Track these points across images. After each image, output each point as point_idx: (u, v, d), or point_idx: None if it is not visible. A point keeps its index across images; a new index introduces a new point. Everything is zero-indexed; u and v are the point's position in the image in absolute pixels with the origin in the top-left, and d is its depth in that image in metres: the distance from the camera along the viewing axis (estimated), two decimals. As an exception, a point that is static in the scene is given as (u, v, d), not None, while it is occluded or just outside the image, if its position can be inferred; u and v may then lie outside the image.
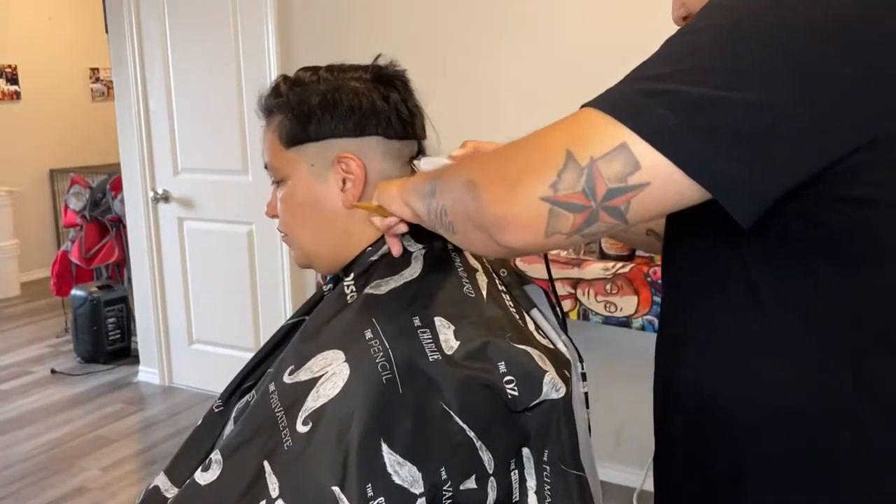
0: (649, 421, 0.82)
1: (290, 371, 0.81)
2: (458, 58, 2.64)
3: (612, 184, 0.54)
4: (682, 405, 0.73)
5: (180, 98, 3.25)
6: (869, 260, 0.58)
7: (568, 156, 0.55)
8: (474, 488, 0.72)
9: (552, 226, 0.57)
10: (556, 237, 0.58)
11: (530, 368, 0.75)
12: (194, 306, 3.45)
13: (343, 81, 0.87)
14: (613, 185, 0.54)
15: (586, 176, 0.55)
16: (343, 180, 0.86)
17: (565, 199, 0.56)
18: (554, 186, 0.56)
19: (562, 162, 0.55)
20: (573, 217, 0.56)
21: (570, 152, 0.55)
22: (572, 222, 0.57)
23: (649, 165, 0.54)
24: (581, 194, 0.55)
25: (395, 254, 0.85)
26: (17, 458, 2.88)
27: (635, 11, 2.27)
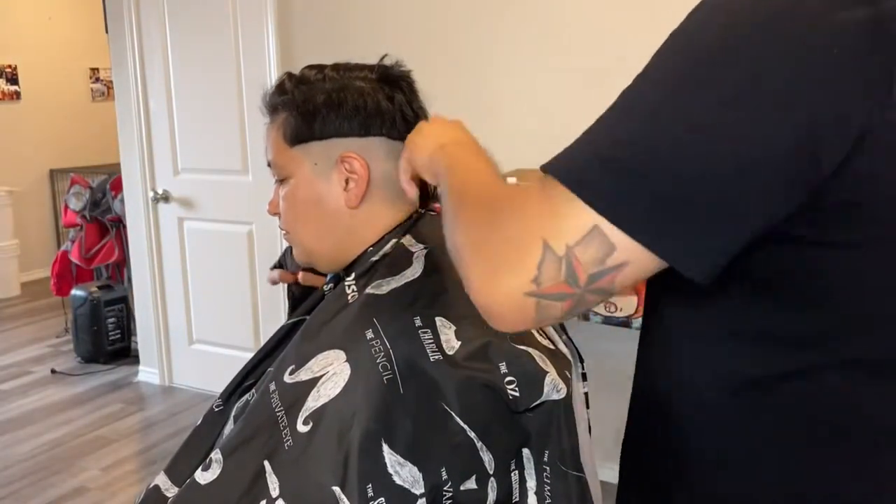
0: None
1: (291, 371, 0.81)
2: (459, 58, 2.64)
3: (592, 269, 0.54)
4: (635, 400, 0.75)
5: (180, 98, 3.25)
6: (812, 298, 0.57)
7: (545, 246, 0.54)
8: (475, 489, 0.72)
9: (541, 315, 0.56)
10: (547, 321, 0.58)
11: (531, 369, 0.75)
12: (194, 306, 3.45)
13: (349, 81, 0.86)
14: (594, 271, 0.54)
15: (566, 265, 0.54)
16: (346, 180, 0.86)
17: (549, 291, 0.55)
18: (536, 281, 0.55)
19: (539, 253, 0.54)
20: (560, 304, 0.56)
21: (546, 242, 0.54)
22: (561, 309, 0.56)
23: (623, 247, 0.53)
24: (564, 284, 0.54)
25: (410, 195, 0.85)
26: (17, 458, 2.88)
27: (636, 9, 2.27)
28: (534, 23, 2.50)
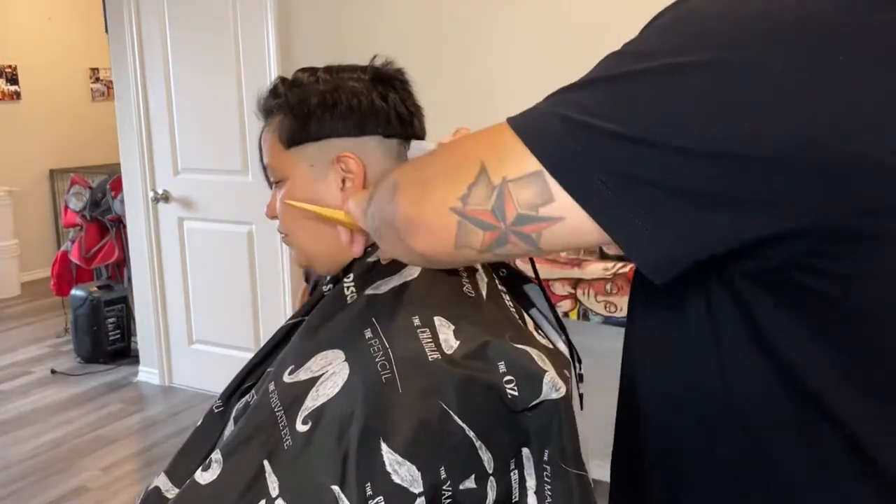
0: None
1: (290, 371, 0.81)
2: (459, 57, 2.64)
3: (522, 210, 0.52)
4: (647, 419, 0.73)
5: (180, 98, 3.26)
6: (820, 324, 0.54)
7: (482, 170, 0.53)
8: (474, 488, 0.72)
9: (461, 238, 0.55)
10: (466, 251, 0.56)
11: (530, 368, 0.75)
12: (194, 306, 3.45)
13: (342, 81, 0.87)
14: (524, 212, 0.52)
15: (497, 195, 0.52)
16: (343, 180, 0.86)
17: (474, 215, 0.53)
18: (463, 199, 0.53)
19: (474, 175, 0.53)
20: (483, 234, 0.54)
21: (485, 166, 0.53)
22: (482, 239, 0.54)
23: (562, 202, 0.50)
24: (490, 213, 0.53)
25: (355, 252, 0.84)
26: (17, 458, 2.88)
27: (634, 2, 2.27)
28: (534, 21, 2.50)
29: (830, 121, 0.46)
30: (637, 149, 0.48)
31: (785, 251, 0.51)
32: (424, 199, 0.57)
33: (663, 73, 0.49)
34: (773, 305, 0.54)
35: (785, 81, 0.46)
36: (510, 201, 0.52)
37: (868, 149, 0.46)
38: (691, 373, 0.62)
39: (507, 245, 0.54)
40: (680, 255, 0.51)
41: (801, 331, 0.54)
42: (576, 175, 0.50)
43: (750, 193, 0.48)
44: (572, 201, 0.50)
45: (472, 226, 0.54)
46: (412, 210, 0.58)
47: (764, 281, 0.54)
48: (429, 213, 0.56)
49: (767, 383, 0.57)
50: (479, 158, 0.53)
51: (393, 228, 0.61)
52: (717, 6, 0.51)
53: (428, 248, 0.58)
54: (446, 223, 0.55)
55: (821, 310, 0.53)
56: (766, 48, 0.47)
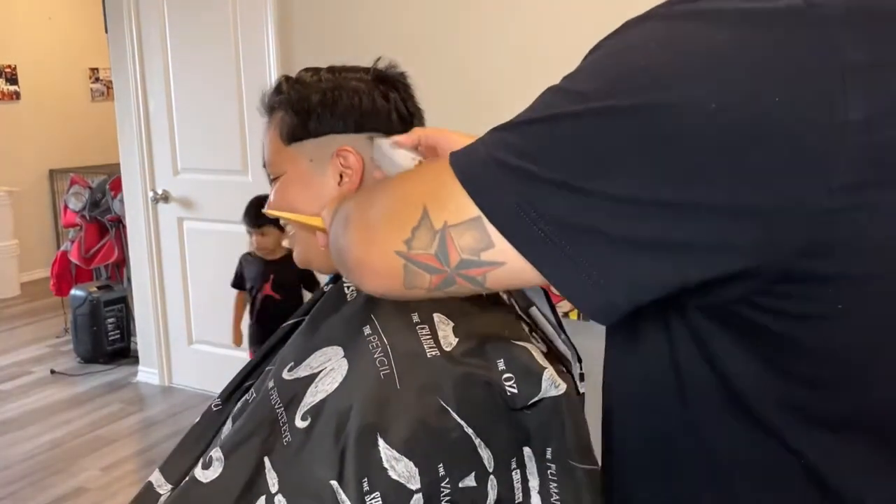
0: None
1: (290, 368, 0.81)
2: (459, 58, 2.64)
3: (465, 255, 0.52)
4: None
5: (180, 98, 3.26)
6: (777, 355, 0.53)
7: (424, 213, 0.53)
8: (474, 486, 0.72)
9: (409, 280, 0.55)
10: (415, 290, 0.56)
11: (529, 366, 0.75)
12: (194, 306, 3.45)
13: (344, 81, 0.87)
14: (466, 257, 0.52)
15: (439, 240, 0.53)
16: (340, 175, 0.86)
17: (419, 259, 0.54)
18: (408, 243, 0.54)
19: (417, 219, 0.53)
20: (429, 277, 0.54)
21: (427, 210, 0.53)
22: (429, 281, 0.55)
23: (502, 247, 0.50)
24: (434, 258, 0.53)
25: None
26: (17, 458, 2.88)
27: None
28: (535, 21, 2.50)
29: (764, 164, 0.45)
30: (572, 196, 0.48)
31: (732, 291, 0.50)
32: (370, 242, 0.58)
33: (596, 117, 0.48)
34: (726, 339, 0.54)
35: (717, 124, 0.45)
36: (452, 246, 0.52)
37: (803, 190, 0.45)
38: (652, 397, 0.61)
39: (455, 286, 0.55)
40: (621, 300, 0.50)
41: (755, 364, 0.53)
42: (513, 222, 0.50)
43: (689, 239, 0.47)
44: (510, 249, 0.50)
45: (418, 269, 0.54)
46: (360, 253, 0.59)
47: (716, 316, 0.54)
48: (375, 256, 0.57)
49: (725, 412, 0.56)
50: (422, 201, 0.54)
51: (345, 266, 0.62)
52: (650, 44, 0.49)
53: (379, 289, 0.60)
54: (393, 266, 0.55)
55: (772, 345, 0.52)
56: (697, 90, 0.46)
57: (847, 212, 0.45)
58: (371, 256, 0.58)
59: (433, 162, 0.57)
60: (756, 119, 0.45)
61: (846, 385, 0.52)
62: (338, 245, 0.64)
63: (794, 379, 0.53)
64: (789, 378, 0.53)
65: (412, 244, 0.54)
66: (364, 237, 0.59)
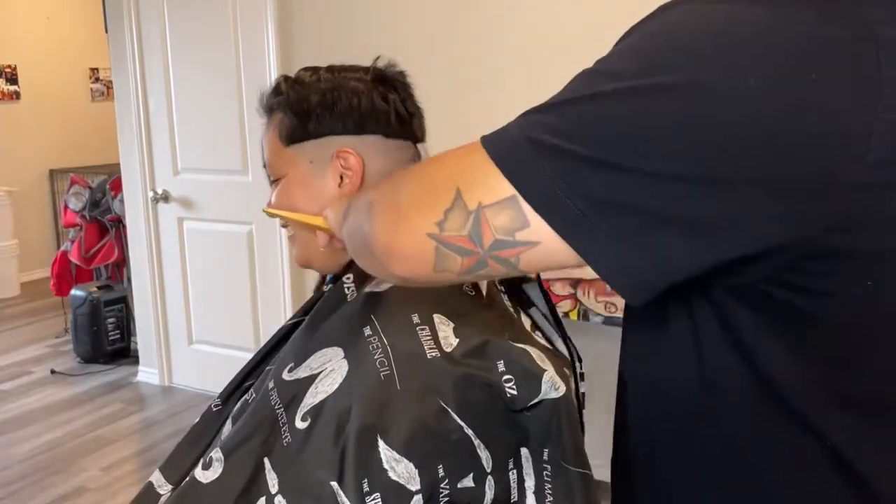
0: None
1: (290, 368, 0.81)
2: (460, 59, 2.64)
3: (499, 235, 0.52)
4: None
5: (180, 98, 3.26)
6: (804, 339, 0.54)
7: (457, 195, 0.53)
8: (472, 487, 0.72)
9: (440, 263, 0.55)
10: (445, 274, 0.56)
11: (529, 367, 0.75)
12: (194, 306, 3.45)
13: (343, 81, 0.87)
14: (501, 237, 0.52)
15: (473, 221, 0.52)
16: (340, 176, 0.86)
17: (451, 241, 0.53)
18: (440, 225, 0.53)
19: (450, 201, 0.53)
20: (461, 259, 0.54)
21: (459, 192, 0.53)
22: (461, 264, 0.54)
23: (538, 226, 0.50)
24: (467, 239, 0.53)
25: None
26: (17, 458, 2.88)
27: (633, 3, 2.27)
28: (536, 22, 2.50)
29: (799, 139, 0.45)
30: (609, 173, 0.48)
31: (761, 269, 0.51)
32: (401, 225, 0.57)
33: (633, 96, 0.48)
34: (752, 319, 0.54)
35: (755, 100, 0.46)
36: (487, 226, 0.52)
37: (837, 165, 0.45)
38: (675, 383, 0.62)
39: (486, 268, 0.54)
40: (655, 278, 0.50)
41: (781, 345, 0.54)
42: (549, 200, 0.50)
43: (723, 215, 0.47)
44: (547, 226, 0.50)
45: (450, 251, 0.54)
46: (389, 237, 0.58)
47: (743, 296, 0.54)
48: (406, 240, 0.56)
49: (749, 395, 0.57)
50: (454, 183, 0.53)
51: (371, 252, 0.61)
52: (687, 24, 0.50)
53: (408, 273, 0.58)
54: (424, 249, 0.55)
55: (799, 325, 0.53)
56: (735, 67, 0.46)
57: (879, 187, 0.46)
58: (400, 240, 0.57)
59: (463, 146, 0.56)
60: (792, 95, 0.45)
61: (873, 364, 0.53)
62: (361, 232, 0.62)
63: (821, 359, 0.53)
64: (815, 358, 0.53)
65: (445, 226, 0.53)
66: (392, 221, 0.58)
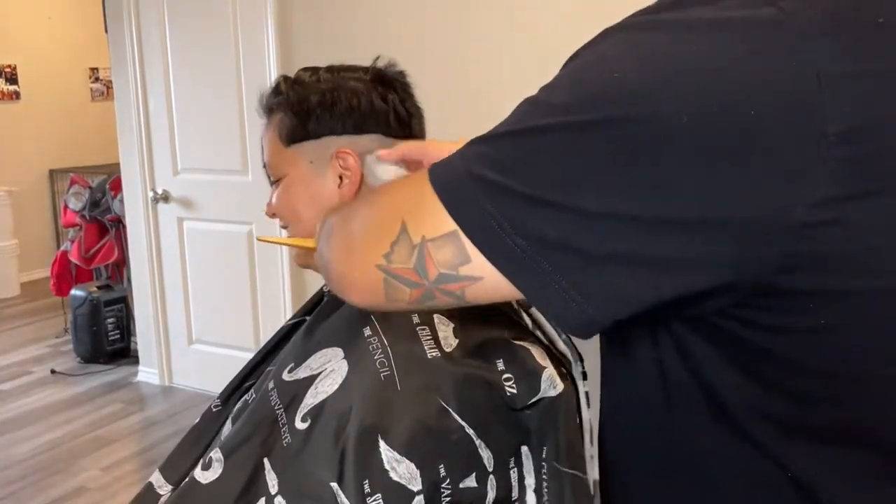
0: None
1: (290, 369, 0.81)
2: (461, 58, 2.64)
3: (442, 269, 0.52)
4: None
5: (180, 98, 3.25)
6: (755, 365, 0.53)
7: (402, 228, 0.53)
8: (474, 486, 0.72)
9: (390, 294, 0.56)
10: (397, 303, 0.56)
11: (529, 366, 0.75)
12: (194, 306, 3.45)
13: (342, 81, 0.87)
14: (444, 271, 0.52)
15: (417, 254, 0.53)
16: (340, 176, 0.86)
17: (398, 273, 0.54)
18: (387, 257, 0.54)
19: (396, 233, 0.54)
20: (409, 290, 0.54)
21: (405, 224, 0.53)
22: (409, 295, 0.55)
23: (479, 262, 0.50)
24: (413, 271, 0.53)
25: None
26: (17, 458, 2.88)
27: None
28: (535, 23, 2.50)
29: (737, 177, 0.44)
30: (548, 212, 0.47)
31: (711, 304, 0.49)
32: (351, 256, 0.59)
33: (568, 131, 0.47)
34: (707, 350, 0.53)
35: (696, 137, 0.44)
36: (430, 260, 0.52)
37: (785, 205, 0.44)
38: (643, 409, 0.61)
39: (435, 299, 0.55)
40: (598, 315, 0.49)
41: (737, 375, 0.53)
42: (489, 237, 0.49)
43: (664, 254, 0.46)
44: (488, 262, 0.50)
45: (398, 283, 0.55)
46: (342, 267, 0.60)
47: (697, 328, 0.53)
48: (356, 270, 0.58)
49: (712, 422, 0.56)
50: (400, 215, 0.54)
51: (329, 279, 0.63)
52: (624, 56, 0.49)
53: (361, 302, 0.60)
54: (373, 280, 0.56)
55: (754, 357, 0.52)
56: (670, 103, 0.44)
57: (825, 226, 0.44)
58: (352, 270, 0.59)
59: (414, 175, 0.57)
60: (730, 131, 0.44)
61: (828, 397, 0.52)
62: (322, 258, 0.65)
63: (776, 391, 0.52)
64: (771, 389, 0.53)
65: (391, 258, 0.54)
66: (345, 251, 0.60)
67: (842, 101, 0.43)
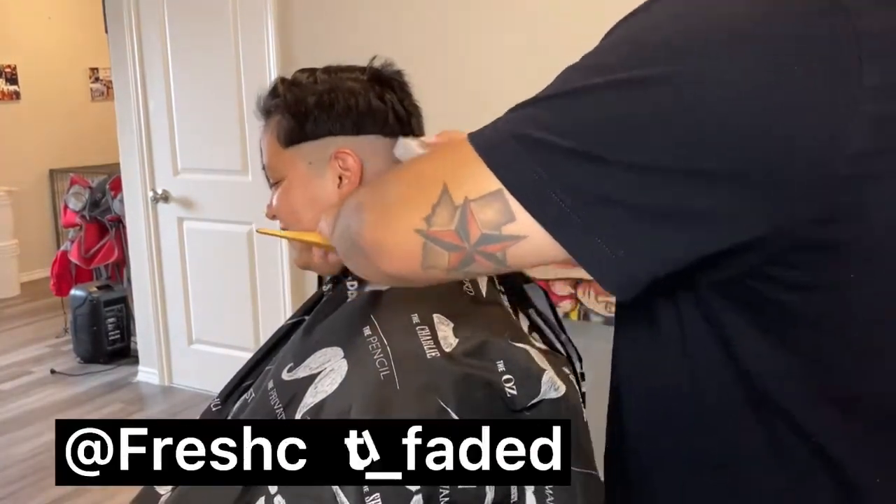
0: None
1: (290, 368, 0.81)
2: (461, 57, 2.64)
3: (485, 229, 0.51)
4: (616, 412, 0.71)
5: (180, 98, 3.25)
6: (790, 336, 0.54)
7: (444, 190, 0.53)
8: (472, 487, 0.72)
9: (427, 260, 0.55)
10: (433, 271, 0.56)
11: (529, 367, 0.75)
12: (194, 306, 3.45)
13: (340, 82, 0.87)
14: (487, 232, 0.51)
15: (459, 216, 0.52)
16: (339, 177, 0.86)
17: (438, 236, 0.53)
18: (427, 220, 0.53)
19: (437, 195, 0.53)
20: (448, 255, 0.54)
21: (446, 187, 0.53)
22: (448, 260, 0.54)
23: (524, 220, 0.50)
24: (454, 234, 0.53)
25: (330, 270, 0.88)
26: (17, 458, 2.88)
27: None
28: (534, 22, 2.50)
29: (786, 130, 0.46)
30: (593, 166, 0.48)
31: (746, 262, 0.51)
32: (389, 221, 0.57)
33: (617, 89, 0.49)
34: (737, 315, 0.54)
35: (739, 92, 0.46)
36: (473, 221, 0.52)
37: (824, 158, 0.46)
38: (664, 382, 0.62)
39: (473, 264, 0.54)
40: (640, 272, 0.50)
41: (765, 342, 0.54)
42: (534, 194, 0.50)
43: (707, 207, 0.48)
44: (533, 220, 0.50)
45: (438, 247, 0.54)
46: (377, 233, 0.58)
47: (728, 292, 0.54)
48: (394, 235, 0.56)
49: (736, 394, 0.57)
50: (441, 179, 0.53)
51: (360, 250, 0.61)
52: (672, 17, 0.50)
53: (395, 270, 0.59)
54: (412, 245, 0.55)
55: (782, 321, 0.53)
56: (718, 60, 0.46)
57: (860, 179, 0.46)
58: (388, 237, 0.57)
59: (447, 144, 0.56)
60: (774, 88, 0.46)
61: (856, 359, 0.53)
62: (350, 232, 0.63)
63: (804, 354, 0.53)
64: (798, 353, 0.53)
65: (432, 220, 0.53)
66: (381, 218, 0.58)
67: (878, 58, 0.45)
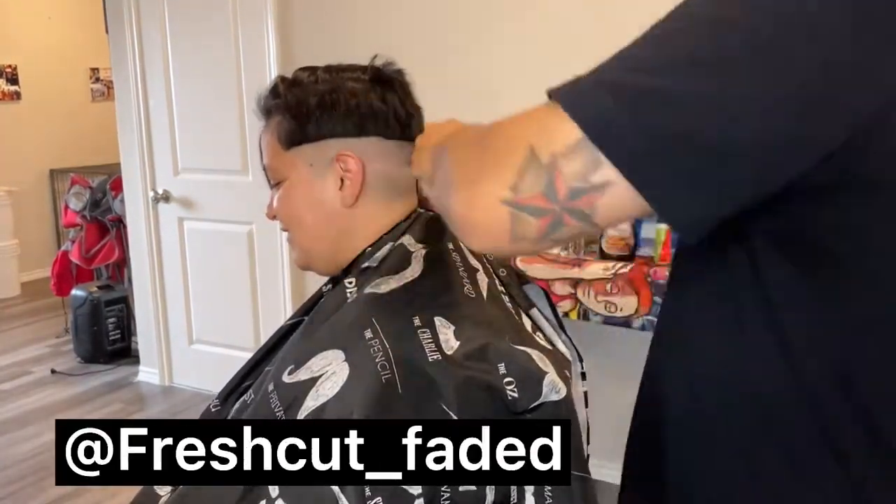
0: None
1: (290, 371, 0.81)
2: (461, 56, 2.64)
3: (572, 182, 0.51)
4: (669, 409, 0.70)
5: (180, 98, 3.25)
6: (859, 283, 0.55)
7: (530, 152, 0.52)
8: (473, 489, 0.72)
9: (516, 231, 0.54)
10: (522, 243, 0.55)
11: (530, 370, 0.75)
12: (194, 306, 3.45)
13: (341, 82, 0.86)
14: (575, 184, 0.51)
15: (547, 175, 0.51)
16: (341, 179, 0.86)
17: (526, 203, 0.52)
18: (514, 188, 0.52)
19: (523, 158, 0.52)
20: (536, 222, 0.53)
21: (532, 148, 0.52)
22: (537, 227, 0.53)
23: (607, 166, 0.50)
24: (542, 196, 0.52)
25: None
26: (17, 458, 2.88)
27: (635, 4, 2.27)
28: (534, 22, 2.50)
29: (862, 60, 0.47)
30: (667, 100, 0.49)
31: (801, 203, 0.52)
32: (475, 197, 0.56)
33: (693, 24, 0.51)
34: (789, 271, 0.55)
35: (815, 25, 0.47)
36: (560, 178, 0.51)
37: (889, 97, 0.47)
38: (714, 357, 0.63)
39: (562, 227, 0.53)
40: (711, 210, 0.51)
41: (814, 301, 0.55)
42: (611, 134, 0.50)
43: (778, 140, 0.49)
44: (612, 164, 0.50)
45: (526, 215, 0.53)
46: (464, 210, 0.57)
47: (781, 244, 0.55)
48: (481, 211, 0.55)
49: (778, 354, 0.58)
50: (525, 142, 0.53)
51: (452, 224, 0.61)
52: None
53: (482, 247, 0.59)
54: (500, 220, 0.54)
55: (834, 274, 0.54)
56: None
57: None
58: (476, 212, 0.56)
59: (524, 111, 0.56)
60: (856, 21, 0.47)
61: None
62: (442, 205, 0.62)
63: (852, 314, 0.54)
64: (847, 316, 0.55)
65: (520, 187, 0.53)
66: (467, 193, 0.57)
67: None
